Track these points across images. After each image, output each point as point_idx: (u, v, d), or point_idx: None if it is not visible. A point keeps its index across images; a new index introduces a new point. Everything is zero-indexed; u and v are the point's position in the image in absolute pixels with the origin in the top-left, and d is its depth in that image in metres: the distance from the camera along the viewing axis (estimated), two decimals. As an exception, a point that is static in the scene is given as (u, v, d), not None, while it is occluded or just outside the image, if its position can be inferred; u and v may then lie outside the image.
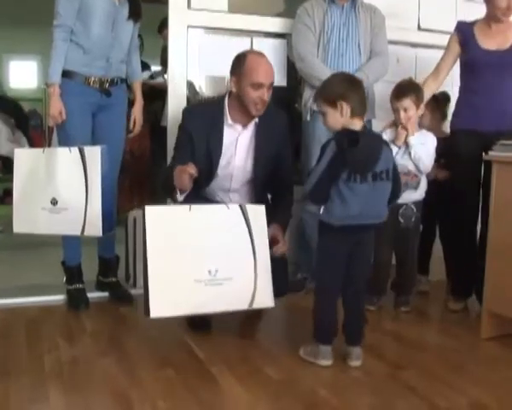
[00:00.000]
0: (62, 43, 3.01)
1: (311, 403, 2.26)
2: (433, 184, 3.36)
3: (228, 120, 2.90)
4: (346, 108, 2.41)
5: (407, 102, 3.18)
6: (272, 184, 2.98)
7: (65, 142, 3.09)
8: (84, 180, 2.93)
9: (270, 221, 2.71)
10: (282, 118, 3.05)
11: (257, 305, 2.60)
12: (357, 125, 2.45)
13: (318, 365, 2.56)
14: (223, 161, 2.93)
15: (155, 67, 5.81)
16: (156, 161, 5.85)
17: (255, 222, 2.62)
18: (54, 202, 2.96)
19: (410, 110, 3.19)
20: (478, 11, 3.43)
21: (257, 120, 2.91)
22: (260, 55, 2.88)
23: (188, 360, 2.63)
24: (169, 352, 2.72)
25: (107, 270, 3.50)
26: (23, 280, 3.62)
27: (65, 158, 2.96)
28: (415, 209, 3.26)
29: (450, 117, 3.60)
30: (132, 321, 3.20)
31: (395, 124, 3.24)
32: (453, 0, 4.28)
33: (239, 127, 2.92)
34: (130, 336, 2.94)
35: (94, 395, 2.29)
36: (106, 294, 3.48)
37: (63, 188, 2.96)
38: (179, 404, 2.23)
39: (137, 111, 3.41)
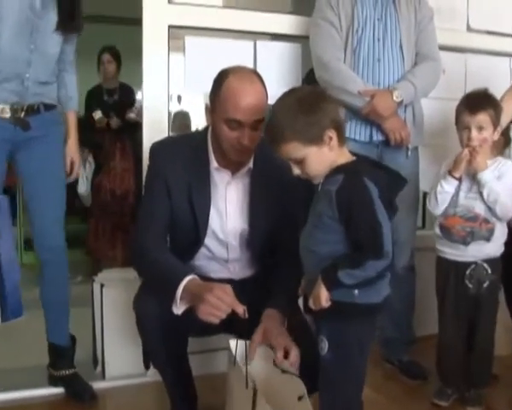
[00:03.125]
0: None
1: None
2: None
3: (213, 162, 2.16)
4: (335, 137, 1.78)
5: (483, 119, 2.53)
6: (276, 250, 2.22)
7: None
8: None
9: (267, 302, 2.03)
10: None
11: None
12: (347, 154, 1.85)
13: None
14: (213, 223, 2.19)
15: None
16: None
17: None
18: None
19: (486, 130, 2.53)
20: None
21: (251, 164, 2.16)
22: (245, 77, 2.08)
23: None
24: None
25: (57, 361, 2.80)
26: None
27: None
28: (489, 270, 2.55)
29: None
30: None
31: None
32: None
33: (227, 174, 2.18)
34: None
35: None
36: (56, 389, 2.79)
37: None
38: None
39: (73, 150, 2.80)
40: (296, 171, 1.79)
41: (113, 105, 5.18)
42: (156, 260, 2.03)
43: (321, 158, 1.76)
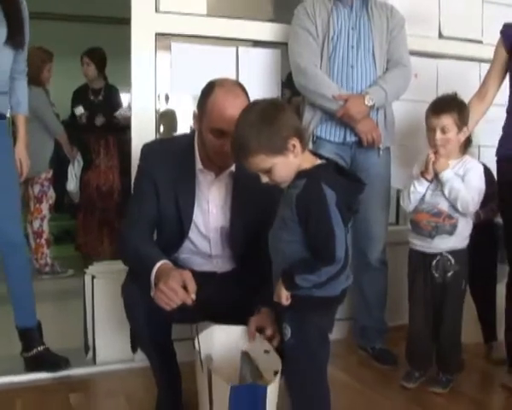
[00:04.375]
0: None
1: None
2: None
3: (198, 164, 2.28)
4: (297, 144, 1.85)
5: (447, 121, 2.66)
6: (258, 248, 2.26)
7: None
8: None
9: (256, 301, 2.12)
10: None
11: None
12: (310, 158, 1.92)
13: None
14: (197, 219, 2.32)
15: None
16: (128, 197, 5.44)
17: None
18: None
19: (450, 131, 2.66)
20: (508, 17, 3.00)
21: (233, 167, 2.28)
22: (230, 90, 2.19)
23: None
24: None
25: (28, 342, 2.94)
26: None
27: None
28: (453, 261, 2.69)
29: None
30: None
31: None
32: (479, 3, 3.84)
33: (210, 176, 2.31)
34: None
35: None
36: (47, 375, 2.87)
37: None
38: None
39: (21, 151, 2.94)
40: (265, 179, 1.86)
41: (98, 104, 5.28)
42: (137, 251, 2.15)
43: (287, 166, 1.84)
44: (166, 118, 3.38)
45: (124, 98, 5.63)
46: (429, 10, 3.68)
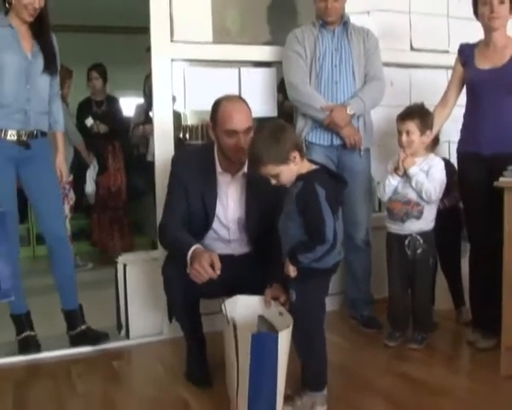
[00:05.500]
0: None
1: None
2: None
3: (218, 167, 2.79)
4: (297, 155, 2.34)
5: (410, 126, 3.10)
6: (268, 234, 2.74)
7: None
8: None
9: (269, 277, 2.58)
10: None
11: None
12: (307, 165, 2.41)
13: None
14: (219, 212, 2.82)
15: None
16: (136, 195, 5.88)
17: None
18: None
19: (413, 134, 3.10)
20: (470, 29, 3.36)
21: (245, 169, 2.77)
22: (234, 100, 2.75)
23: (189, 424, 2.44)
24: (168, 413, 2.53)
25: (73, 322, 3.39)
26: (3, 336, 3.38)
27: None
28: (421, 240, 3.13)
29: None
30: (126, 377, 3.04)
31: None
32: (445, 18, 4.23)
33: (228, 177, 2.81)
34: (126, 396, 2.75)
35: None
36: (89, 348, 3.33)
37: None
38: None
39: (61, 162, 3.37)
40: (273, 182, 2.37)
41: (102, 115, 5.73)
42: (176, 238, 2.66)
43: (289, 172, 2.34)
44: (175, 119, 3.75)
45: (123, 102, 6.15)
46: (402, 27, 4.07)
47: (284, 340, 2.20)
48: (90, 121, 5.66)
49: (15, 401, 2.69)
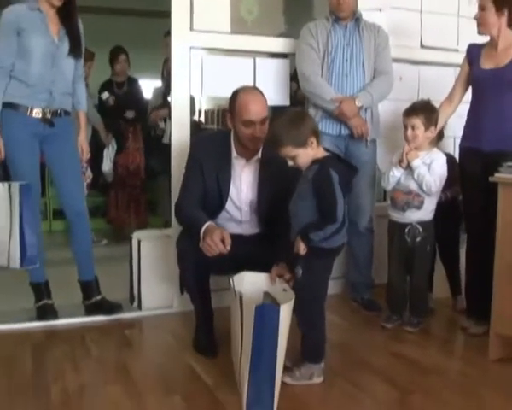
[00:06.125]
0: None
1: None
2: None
3: (233, 152, 2.95)
4: (314, 141, 2.51)
5: (415, 121, 3.22)
6: (278, 217, 2.89)
7: (14, 169, 3.23)
8: (9, 214, 3.11)
9: (275, 256, 2.72)
10: None
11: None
12: (321, 151, 2.58)
13: (314, 383, 2.65)
14: (232, 194, 2.98)
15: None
16: (152, 175, 5.98)
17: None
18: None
19: (418, 129, 3.21)
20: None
21: (259, 155, 2.94)
22: (251, 92, 2.91)
23: (195, 387, 2.62)
24: (176, 378, 2.72)
25: (88, 292, 3.55)
26: (23, 303, 3.56)
27: None
28: (420, 229, 3.25)
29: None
30: (137, 345, 3.22)
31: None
32: (455, 18, 4.33)
33: (242, 161, 2.97)
34: (137, 361, 2.94)
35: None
36: (103, 317, 3.50)
37: None
38: (188, 434, 2.22)
39: (83, 140, 3.52)
40: (290, 163, 2.55)
41: (123, 96, 5.89)
42: (191, 214, 2.84)
43: (306, 155, 2.52)
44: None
45: (143, 84, 6.26)
46: (413, 25, 4.17)
47: (285, 312, 2.35)
48: (105, 95, 5.82)
49: (34, 361, 2.88)
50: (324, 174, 2.49)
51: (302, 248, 2.52)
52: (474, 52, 3.35)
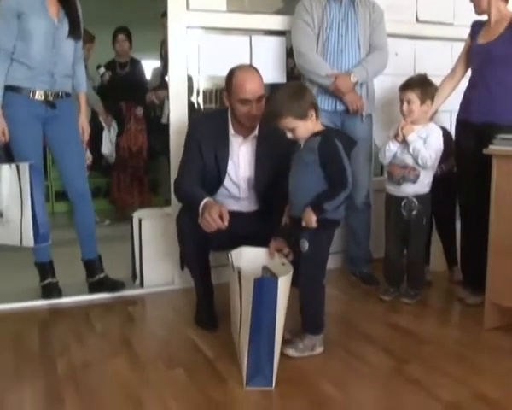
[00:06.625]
0: (1, 64, 3.17)
1: (317, 399, 2.32)
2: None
3: (231, 130, 2.99)
4: (314, 114, 2.56)
5: (411, 95, 3.25)
6: (276, 193, 2.94)
7: (18, 150, 3.27)
8: (19, 194, 3.16)
9: (273, 231, 2.76)
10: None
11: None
12: (319, 124, 2.63)
13: (315, 354, 2.70)
14: (230, 170, 3.02)
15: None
16: (154, 156, 6.02)
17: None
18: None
19: (413, 104, 3.24)
20: None
21: (256, 132, 2.98)
22: (247, 70, 2.94)
23: (197, 360, 2.68)
24: (178, 352, 2.78)
25: (92, 270, 3.61)
26: (28, 282, 3.61)
27: (7, 173, 3.19)
28: (416, 202, 3.29)
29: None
30: (140, 321, 3.29)
31: None
32: None
33: (240, 139, 3.01)
34: (139, 336, 3.02)
35: (107, 397, 2.35)
36: (107, 295, 3.56)
37: (6, 201, 3.20)
38: (190, 403, 2.29)
39: (83, 121, 3.55)
40: (289, 135, 2.58)
41: (125, 76, 5.93)
42: (190, 191, 2.88)
43: (305, 127, 2.55)
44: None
45: (145, 64, 6.27)
46: None
47: (284, 285, 2.39)
48: (101, 70, 5.84)
49: (41, 337, 2.96)
50: (330, 143, 2.53)
51: (314, 221, 2.53)
52: (475, 28, 3.39)
